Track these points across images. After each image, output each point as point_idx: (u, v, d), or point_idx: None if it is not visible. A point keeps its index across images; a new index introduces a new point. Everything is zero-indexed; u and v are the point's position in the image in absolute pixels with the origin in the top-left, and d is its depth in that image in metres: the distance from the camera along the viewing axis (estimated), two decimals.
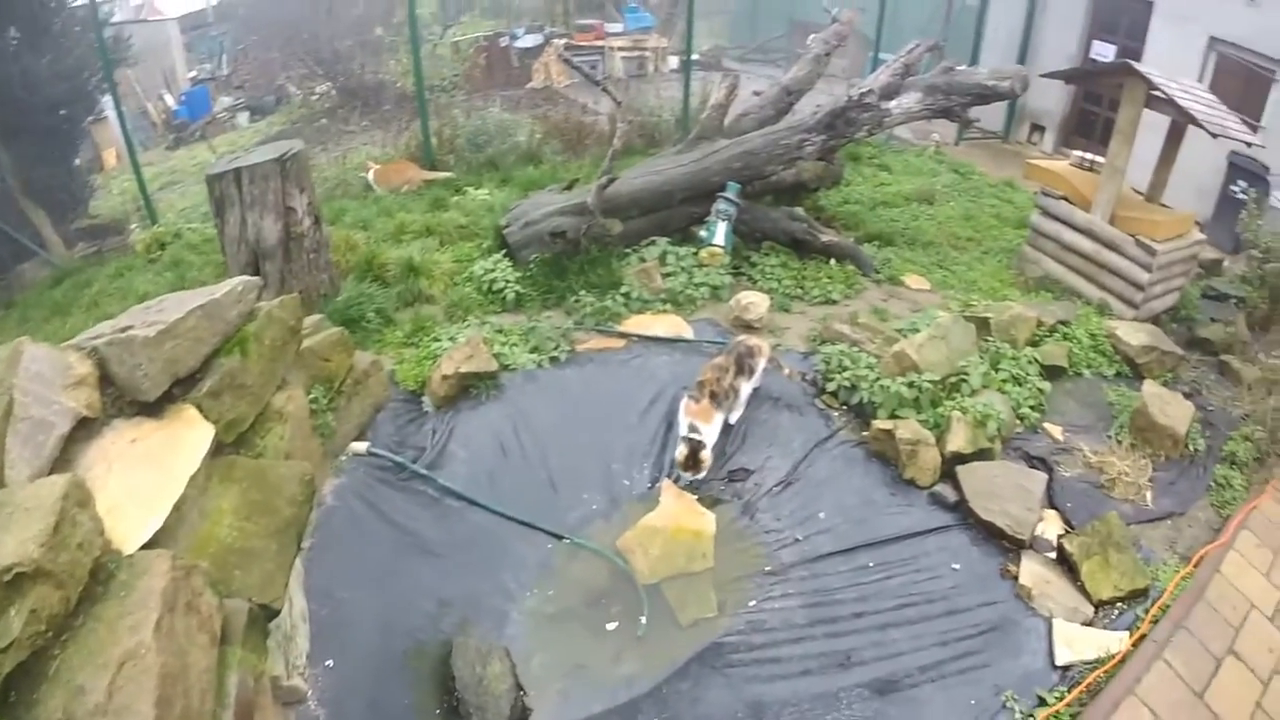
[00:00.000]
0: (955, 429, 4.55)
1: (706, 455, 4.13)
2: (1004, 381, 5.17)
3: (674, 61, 14.56)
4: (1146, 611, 3.87)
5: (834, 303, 6.34)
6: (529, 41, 14.93)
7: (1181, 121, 6.42)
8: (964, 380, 4.92)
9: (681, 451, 4.19)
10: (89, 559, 2.09)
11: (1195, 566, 4.19)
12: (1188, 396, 5.59)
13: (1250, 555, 4.37)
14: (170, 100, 16.30)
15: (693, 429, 4.21)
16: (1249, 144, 6.95)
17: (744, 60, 17.12)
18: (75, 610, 2.04)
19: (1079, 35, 12.08)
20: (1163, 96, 6.14)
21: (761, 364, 4.71)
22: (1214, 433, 5.35)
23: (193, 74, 18.47)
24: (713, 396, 4.33)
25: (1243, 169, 9.53)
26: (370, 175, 8.45)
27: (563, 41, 14.63)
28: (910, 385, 4.75)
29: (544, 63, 14.13)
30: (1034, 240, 7.33)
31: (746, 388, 4.61)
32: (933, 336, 5.07)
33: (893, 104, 6.93)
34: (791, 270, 6.59)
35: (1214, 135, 6.11)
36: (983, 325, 5.62)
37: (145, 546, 2.32)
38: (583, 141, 9.59)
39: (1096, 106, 11.19)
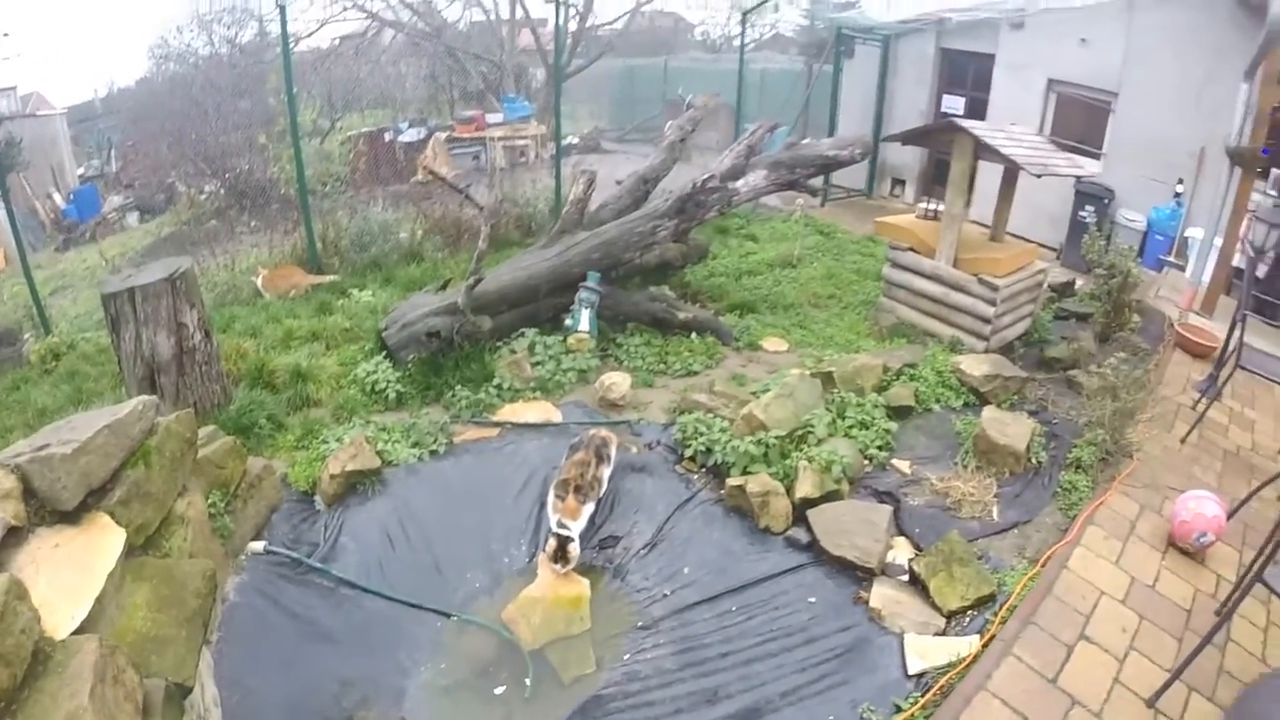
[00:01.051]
0: (803, 477, 5.14)
1: (574, 549, 4.60)
2: (851, 427, 5.83)
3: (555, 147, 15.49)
4: (995, 614, 4.32)
5: (695, 374, 7.03)
6: (412, 135, 15.74)
7: (1009, 166, 7.38)
8: (810, 431, 5.57)
9: (551, 546, 4.63)
10: (30, 642, 2.64)
11: (1043, 566, 4.68)
12: (1033, 414, 6.36)
13: (1098, 548, 4.90)
14: (59, 199, 16.53)
15: (561, 525, 4.69)
16: (1078, 177, 8.01)
17: (623, 140, 18.23)
18: (21, 685, 2.58)
19: (929, 92, 13.61)
20: (988, 147, 7.07)
21: (614, 449, 5.29)
22: (1059, 443, 6.02)
23: (81, 170, 18.74)
24: (578, 490, 4.85)
25: (1090, 194, 10.97)
26: (259, 281, 8.93)
27: (445, 135, 15.42)
28: (758, 442, 5.37)
29: (427, 156, 14.82)
30: (888, 291, 8.25)
31: (607, 472, 5.17)
32: (779, 395, 5.77)
33: (740, 183, 7.87)
34: (655, 347, 7.29)
35: (1037, 176, 7.06)
36: (829, 379, 6.32)
37: (73, 635, 2.89)
38: (462, 237, 10.24)
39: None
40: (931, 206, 8.40)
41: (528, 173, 13.20)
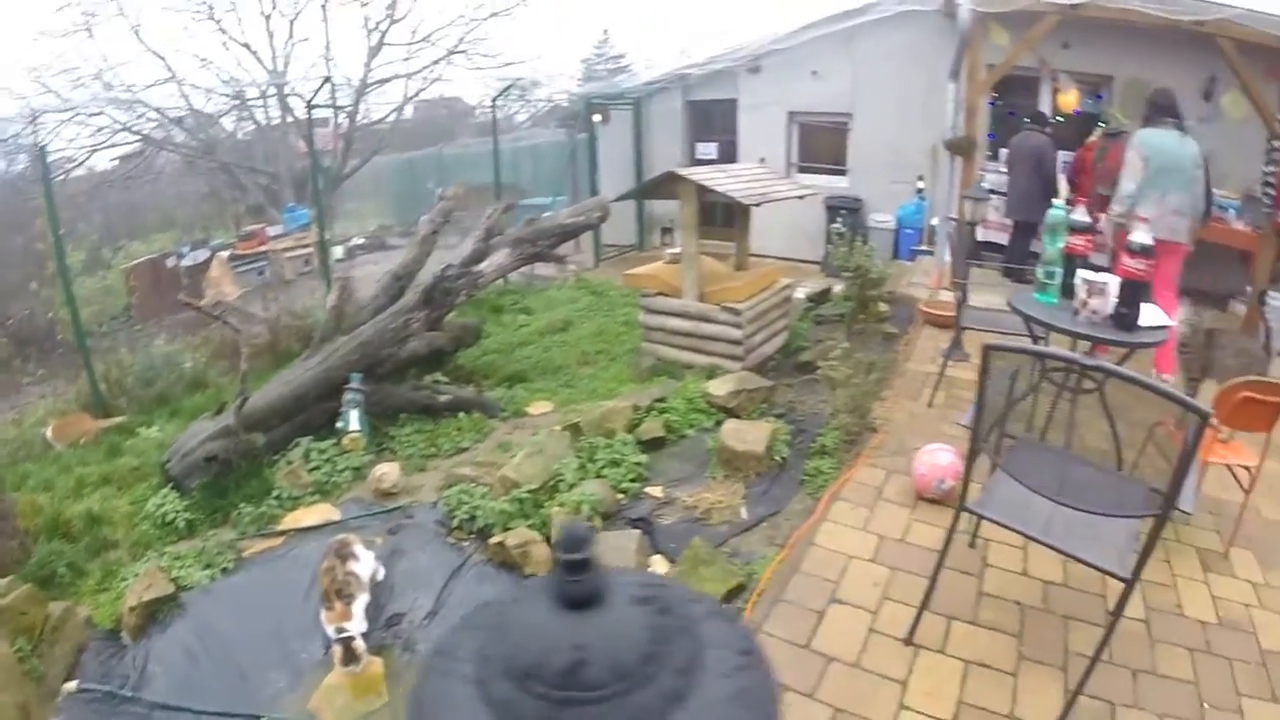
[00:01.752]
0: (554, 522, 5.75)
1: (359, 645, 4.99)
2: (602, 468, 6.47)
3: (339, 250, 16.15)
4: (747, 601, 4.76)
5: (465, 450, 7.67)
6: (194, 258, 16.00)
7: (729, 203, 8.47)
8: (561, 480, 6.34)
9: (338, 653, 4.94)
10: None
11: (790, 549, 5.18)
12: (780, 417, 7.16)
13: (845, 519, 5.45)
14: None
15: (340, 630, 5.00)
16: (801, 196, 9.32)
17: (408, 235, 18.85)
18: None
19: (682, 142, 15.17)
20: (707, 189, 8.18)
21: (356, 545, 5.70)
22: (805, 437, 6.73)
23: None
24: (339, 594, 5.15)
25: (840, 207, 12.73)
26: (49, 433, 9.17)
27: (228, 253, 15.90)
28: (513, 500, 6.09)
29: (212, 277, 15.23)
30: (647, 335, 9.26)
31: (362, 566, 5.57)
32: (529, 454, 6.54)
33: (484, 264, 8.86)
34: (425, 433, 7.99)
35: (755, 205, 8.29)
36: (576, 429, 7.10)
37: None
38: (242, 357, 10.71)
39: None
40: (675, 251, 9.40)
41: (311, 281, 13.72)
